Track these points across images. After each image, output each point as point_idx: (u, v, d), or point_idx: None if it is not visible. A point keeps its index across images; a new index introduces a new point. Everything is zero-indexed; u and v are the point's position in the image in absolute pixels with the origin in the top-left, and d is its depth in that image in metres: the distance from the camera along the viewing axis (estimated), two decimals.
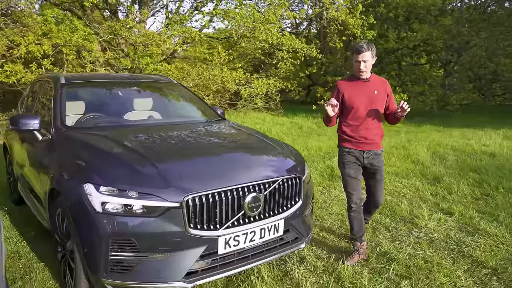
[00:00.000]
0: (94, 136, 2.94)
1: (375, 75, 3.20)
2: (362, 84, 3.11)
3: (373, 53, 3.04)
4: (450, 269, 2.93)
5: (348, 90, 3.14)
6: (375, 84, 3.12)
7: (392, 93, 3.26)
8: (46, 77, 4.16)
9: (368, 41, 3.24)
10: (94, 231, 2.20)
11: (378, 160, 3.18)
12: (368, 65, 3.02)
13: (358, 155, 3.15)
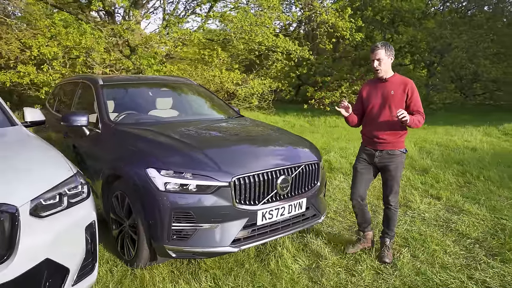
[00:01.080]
0: (142, 130, 3.43)
1: (399, 76, 3.17)
2: (380, 84, 3.15)
3: (389, 52, 3.07)
4: (440, 239, 3.52)
5: (366, 89, 3.26)
6: (393, 84, 3.09)
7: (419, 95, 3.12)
8: (81, 78, 4.61)
9: (387, 42, 3.24)
10: (159, 207, 2.70)
11: (391, 161, 3.12)
12: (383, 64, 3.05)
13: (370, 153, 3.20)
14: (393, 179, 3.17)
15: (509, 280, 2.82)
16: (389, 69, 3.11)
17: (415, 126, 3.02)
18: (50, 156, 2.40)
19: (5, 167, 2.07)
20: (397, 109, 2.97)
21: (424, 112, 3.10)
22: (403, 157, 3.20)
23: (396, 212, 3.26)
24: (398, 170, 3.16)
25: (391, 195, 3.20)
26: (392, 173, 3.15)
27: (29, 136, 2.75)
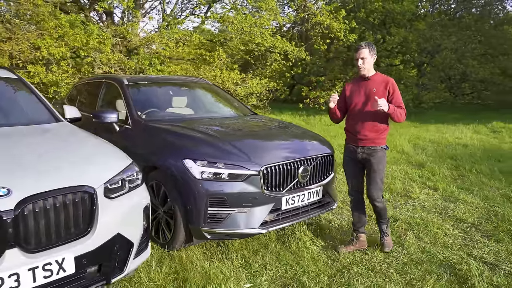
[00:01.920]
0: (171, 126, 3.75)
1: (381, 74, 3.28)
2: (362, 82, 3.26)
3: (372, 52, 3.19)
4: (440, 224, 3.91)
5: (350, 88, 3.37)
6: (375, 82, 3.19)
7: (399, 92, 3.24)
8: (103, 78, 4.91)
9: (370, 42, 3.35)
10: (196, 193, 3.03)
11: (372, 155, 3.21)
12: (366, 63, 3.17)
13: (353, 149, 3.31)
14: (375, 172, 3.23)
15: (503, 256, 3.22)
16: (371, 68, 3.23)
17: (397, 118, 3.12)
18: (108, 147, 2.71)
19: (76, 156, 2.38)
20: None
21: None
22: (384, 153, 3.27)
23: (383, 205, 3.32)
24: (380, 164, 3.23)
25: (373, 189, 3.24)
26: (374, 166, 3.22)
27: (80, 130, 3.06)
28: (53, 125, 3.14)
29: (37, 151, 2.40)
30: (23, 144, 2.54)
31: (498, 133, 10.59)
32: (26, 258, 1.86)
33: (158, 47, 10.72)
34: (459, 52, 17.75)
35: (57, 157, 2.34)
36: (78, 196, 2.05)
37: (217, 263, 3.09)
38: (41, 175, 2.05)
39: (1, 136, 2.63)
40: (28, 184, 1.94)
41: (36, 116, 3.24)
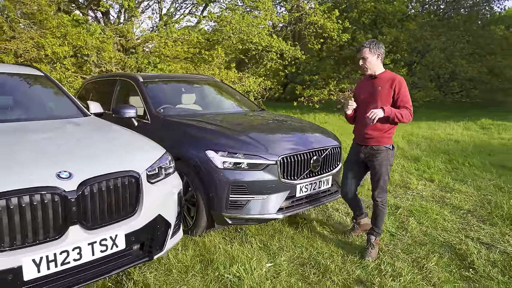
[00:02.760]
0: (189, 120, 3.98)
1: (389, 72, 3.17)
2: (369, 81, 3.21)
3: (375, 50, 3.09)
4: (439, 211, 4.22)
5: (358, 87, 3.38)
6: (381, 81, 3.11)
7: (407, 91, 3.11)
8: (118, 76, 5.12)
9: (374, 40, 3.22)
10: (218, 182, 3.27)
11: (375, 156, 3.16)
12: (368, 62, 3.10)
13: (357, 149, 3.30)
14: (377, 174, 3.17)
15: (497, 237, 3.53)
16: (376, 66, 3.13)
17: (398, 119, 3.02)
18: (142, 138, 2.94)
19: (117, 145, 2.62)
20: (384, 105, 3.01)
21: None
22: (389, 154, 3.16)
23: (383, 209, 3.25)
24: (383, 166, 3.14)
25: (376, 190, 3.20)
26: (376, 168, 3.16)
27: (110, 123, 3.28)
28: (84, 119, 3.35)
29: (81, 141, 2.63)
30: (65, 135, 2.76)
31: (487, 129, 11.01)
32: (86, 234, 2.09)
33: (157, 46, 10.88)
34: (448, 51, 18.21)
35: (101, 146, 2.57)
36: (127, 180, 2.29)
37: (238, 246, 3.35)
38: (93, 161, 2.28)
39: (41, 129, 2.85)
40: (85, 168, 2.17)
41: (66, 110, 3.45)
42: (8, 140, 2.48)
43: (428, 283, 2.73)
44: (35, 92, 3.59)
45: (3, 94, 3.39)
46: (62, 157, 2.24)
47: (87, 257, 2.08)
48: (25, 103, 3.41)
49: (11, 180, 1.91)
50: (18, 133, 2.69)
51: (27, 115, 3.18)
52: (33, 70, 3.79)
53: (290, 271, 2.93)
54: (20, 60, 7.99)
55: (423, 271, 2.90)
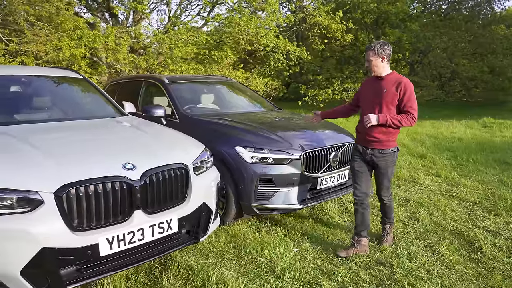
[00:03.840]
0: (216, 119, 4.30)
1: (396, 74, 3.13)
2: (375, 82, 3.16)
3: (380, 53, 3.04)
4: (447, 203, 4.53)
5: (363, 87, 3.36)
6: (387, 82, 3.07)
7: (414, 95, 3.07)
8: (143, 77, 5.44)
9: (380, 41, 3.15)
10: (247, 175, 3.58)
11: (381, 159, 3.17)
12: (373, 65, 3.07)
13: (362, 150, 3.27)
14: (383, 175, 3.25)
15: (502, 226, 3.85)
16: (383, 68, 3.09)
17: (395, 125, 3.04)
18: (183, 135, 3.26)
19: (163, 141, 2.94)
20: (388, 108, 3.04)
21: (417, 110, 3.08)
22: (394, 156, 3.22)
23: (390, 203, 3.39)
24: (388, 167, 3.21)
25: (382, 190, 3.32)
26: (382, 170, 3.22)
27: (149, 122, 3.60)
28: (123, 118, 3.67)
29: (132, 137, 2.96)
30: (115, 132, 3.08)
31: (489, 127, 11.31)
32: (147, 217, 2.41)
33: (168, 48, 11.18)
34: (449, 51, 18.51)
35: (150, 141, 2.89)
36: (178, 171, 2.60)
37: (265, 234, 3.66)
38: (149, 154, 2.60)
39: (92, 127, 3.17)
40: (144, 161, 2.48)
41: (106, 110, 3.77)
42: (69, 137, 2.79)
43: (441, 264, 3.05)
44: (77, 93, 3.91)
45: (52, 95, 3.70)
46: (122, 151, 2.56)
47: (148, 238, 2.40)
48: (71, 103, 3.73)
49: (88, 170, 2.23)
50: (73, 130, 3.01)
51: (75, 115, 3.50)
52: (73, 73, 4.11)
53: (316, 255, 3.25)
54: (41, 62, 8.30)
55: (436, 254, 3.22)
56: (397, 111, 3.07)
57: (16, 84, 3.56)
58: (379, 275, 2.88)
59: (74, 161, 2.31)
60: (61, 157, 2.32)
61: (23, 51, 8.11)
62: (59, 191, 2.09)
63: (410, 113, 3.03)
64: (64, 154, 2.38)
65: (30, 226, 2.01)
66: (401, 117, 3.02)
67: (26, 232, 2.00)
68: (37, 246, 2.01)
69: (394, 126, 3.06)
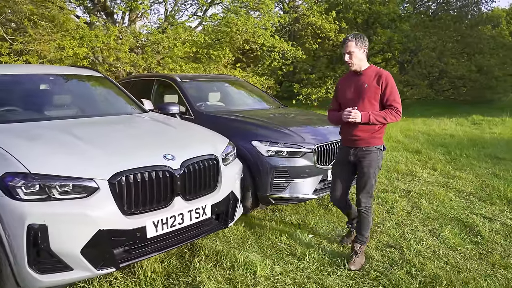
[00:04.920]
0: (230, 115, 4.54)
1: (375, 67, 2.99)
2: (354, 78, 3.00)
3: (361, 44, 2.90)
4: (445, 194, 4.84)
5: (342, 84, 3.13)
6: (367, 77, 2.92)
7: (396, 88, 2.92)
8: (154, 76, 5.65)
9: (358, 33, 3.00)
10: (263, 167, 3.84)
11: (364, 157, 2.98)
12: (354, 57, 2.90)
13: (346, 151, 3.10)
14: (365, 176, 2.99)
15: (497, 213, 4.17)
16: (362, 61, 2.95)
17: (379, 122, 2.87)
18: (206, 129, 3.50)
19: (191, 135, 3.17)
20: (371, 104, 2.89)
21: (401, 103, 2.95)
22: (379, 154, 3.02)
23: (368, 216, 3.07)
24: (371, 167, 2.97)
25: (361, 194, 3.04)
26: (364, 169, 2.99)
27: (172, 117, 3.82)
28: (148, 114, 3.89)
29: (161, 131, 3.19)
30: (144, 126, 3.31)
31: (478, 125, 11.76)
32: (186, 203, 2.65)
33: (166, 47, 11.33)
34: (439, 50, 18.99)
35: (180, 135, 3.13)
36: (210, 162, 2.85)
37: (280, 223, 3.93)
38: (184, 146, 2.84)
39: (120, 122, 3.39)
40: (181, 152, 2.72)
41: (128, 107, 3.98)
42: (106, 131, 3.02)
43: (446, 246, 3.34)
44: (101, 91, 4.11)
45: (78, 93, 3.91)
46: (161, 143, 2.80)
47: (186, 222, 2.64)
48: (96, 100, 3.94)
49: (135, 160, 2.46)
50: (107, 125, 3.24)
51: (102, 111, 3.72)
52: (94, 72, 4.31)
53: (329, 240, 3.52)
54: (45, 61, 8.42)
55: (440, 238, 3.52)
56: (380, 105, 2.92)
57: (45, 82, 3.75)
58: (391, 255, 3.16)
59: (121, 152, 2.54)
60: (108, 149, 2.55)
61: (28, 50, 8.23)
62: (112, 179, 2.32)
63: (394, 107, 2.87)
64: (109, 146, 2.61)
65: (88, 210, 2.24)
66: (385, 113, 2.86)
67: (85, 215, 2.23)
68: (94, 228, 2.24)
69: (378, 123, 2.89)
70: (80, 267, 2.25)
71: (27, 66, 4.42)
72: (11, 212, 2.17)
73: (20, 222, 2.14)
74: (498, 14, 24.86)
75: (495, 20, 22.70)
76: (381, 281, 2.76)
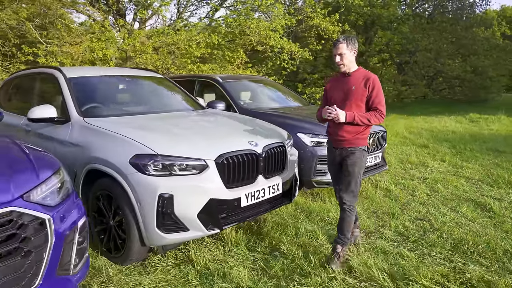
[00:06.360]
0: (271, 112, 5.18)
1: (363, 70, 3.07)
2: (343, 79, 3.07)
3: (352, 46, 2.96)
4: (456, 180, 5.55)
5: (330, 85, 3.21)
6: (355, 79, 3.00)
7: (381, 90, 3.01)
8: (195, 76, 6.29)
9: (349, 35, 3.07)
10: (308, 156, 4.50)
11: (349, 157, 3.04)
12: (345, 59, 2.96)
13: (332, 151, 3.20)
14: (349, 175, 3.05)
15: (504, 195, 4.90)
16: (352, 63, 3.02)
17: (363, 123, 2.94)
18: (264, 122, 4.15)
19: (259, 126, 3.83)
20: (357, 105, 2.96)
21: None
22: (363, 155, 3.09)
23: (350, 214, 3.08)
24: (356, 166, 3.04)
25: (345, 193, 3.07)
26: (349, 168, 3.04)
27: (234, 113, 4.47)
28: (206, 110, 4.53)
29: (235, 123, 3.84)
30: (219, 120, 3.96)
31: (476, 122, 12.56)
32: (265, 181, 3.30)
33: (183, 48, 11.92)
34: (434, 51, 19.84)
35: (250, 126, 3.77)
36: (280, 148, 3.50)
37: (321, 203, 4.60)
38: (261, 135, 3.49)
39: (194, 116, 4.03)
40: (261, 139, 3.37)
41: (191, 103, 4.62)
42: (192, 122, 3.67)
43: (465, 219, 4.05)
44: (166, 90, 4.74)
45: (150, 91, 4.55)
46: (243, 132, 3.45)
47: (266, 196, 3.30)
48: (164, 98, 4.57)
49: (231, 145, 3.11)
50: (187, 118, 3.88)
51: (173, 107, 4.36)
52: (156, 74, 4.94)
53: (367, 216, 4.20)
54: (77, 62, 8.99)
55: (459, 214, 4.22)
56: (366, 108, 3.01)
57: (123, 82, 4.38)
58: (423, 225, 3.86)
59: (217, 139, 3.20)
60: (207, 137, 3.20)
61: (64, 52, 8.79)
62: (217, 159, 2.97)
63: (378, 110, 2.96)
64: (205, 134, 3.26)
65: (201, 183, 2.89)
66: (369, 115, 2.95)
67: (200, 187, 2.87)
68: (207, 197, 2.89)
69: (362, 124, 2.98)
70: (194, 228, 2.90)
71: (105, 69, 5.03)
72: (144, 184, 2.81)
73: (153, 192, 2.78)
74: (491, 17, 25.83)
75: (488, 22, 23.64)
76: (420, 242, 3.45)
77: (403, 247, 3.33)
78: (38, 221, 2.00)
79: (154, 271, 2.99)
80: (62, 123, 3.61)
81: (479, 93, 20.03)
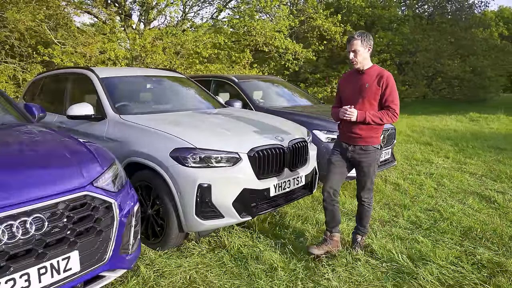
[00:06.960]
0: (287, 110, 5.47)
1: (377, 67, 3.01)
2: (356, 76, 3.04)
3: (366, 43, 2.91)
4: (461, 175, 5.85)
5: (343, 82, 3.19)
6: (369, 77, 2.96)
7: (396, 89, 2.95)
8: (211, 77, 6.57)
9: (364, 31, 3.00)
10: (324, 151, 4.77)
11: (364, 157, 3.05)
12: (359, 55, 2.91)
13: (344, 147, 3.15)
14: (366, 175, 3.10)
15: (507, 188, 5.20)
16: (366, 60, 2.97)
17: (375, 123, 2.93)
18: (288, 120, 4.42)
19: (281, 123, 4.11)
20: (370, 103, 2.94)
21: (399, 104, 2.97)
22: (378, 153, 3.10)
23: (369, 208, 3.21)
24: (371, 167, 3.08)
25: (363, 191, 3.17)
26: (365, 169, 3.08)
27: (254, 111, 4.75)
28: (228, 108, 4.80)
29: (260, 120, 4.11)
30: (245, 117, 4.23)
31: (476, 121, 12.89)
32: (291, 173, 3.58)
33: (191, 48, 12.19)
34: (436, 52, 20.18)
35: (272, 123, 4.05)
36: (303, 143, 3.78)
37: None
38: (285, 131, 3.77)
39: (221, 114, 4.31)
40: (285, 135, 3.65)
41: (213, 102, 4.89)
42: (221, 120, 3.95)
43: (472, 209, 4.34)
44: (189, 89, 5.02)
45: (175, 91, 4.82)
46: (269, 129, 3.73)
47: (292, 187, 3.58)
48: (188, 97, 4.85)
49: (260, 140, 3.39)
50: (214, 115, 4.15)
51: (197, 105, 4.64)
52: (179, 74, 5.22)
53: (380, 207, 4.49)
54: (90, 63, 9.25)
55: (466, 205, 4.51)
56: (379, 106, 2.98)
57: (150, 82, 4.65)
58: (433, 215, 4.15)
59: (247, 134, 3.47)
60: (238, 132, 3.48)
61: (78, 53, 9.05)
62: (249, 152, 3.25)
63: (391, 109, 2.92)
64: (236, 130, 3.54)
65: (236, 174, 3.16)
66: (382, 114, 2.92)
67: (235, 178, 3.15)
68: (240, 187, 3.17)
69: (374, 124, 2.96)
70: (229, 215, 3.17)
71: (131, 69, 5.30)
72: (184, 176, 3.08)
73: (193, 182, 3.06)
74: (489, 17, 26.20)
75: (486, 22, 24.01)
76: (432, 230, 3.74)
77: (417, 234, 3.62)
78: (105, 205, 2.27)
79: (190, 255, 3.26)
80: (98, 120, 3.88)
81: (478, 93, 20.39)
